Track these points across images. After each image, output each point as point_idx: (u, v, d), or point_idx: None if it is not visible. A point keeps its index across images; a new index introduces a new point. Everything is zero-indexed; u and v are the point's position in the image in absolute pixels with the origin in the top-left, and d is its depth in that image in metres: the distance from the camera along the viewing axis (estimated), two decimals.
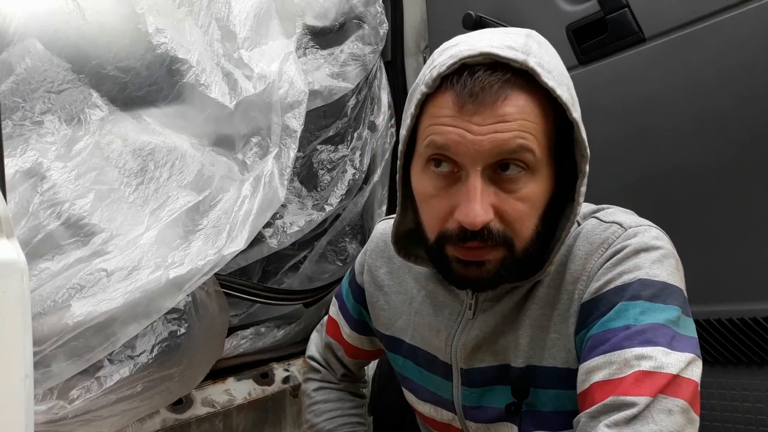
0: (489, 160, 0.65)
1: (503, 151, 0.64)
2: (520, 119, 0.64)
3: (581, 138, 0.67)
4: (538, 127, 0.65)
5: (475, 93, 0.64)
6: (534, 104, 0.65)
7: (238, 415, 1.28)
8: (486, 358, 0.78)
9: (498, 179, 0.66)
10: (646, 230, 0.71)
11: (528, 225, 0.68)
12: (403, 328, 0.90)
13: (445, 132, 0.66)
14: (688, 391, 0.60)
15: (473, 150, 0.64)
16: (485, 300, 0.78)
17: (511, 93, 0.64)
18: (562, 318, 0.72)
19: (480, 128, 0.64)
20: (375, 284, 0.94)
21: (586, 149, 0.67)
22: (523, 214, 0.67)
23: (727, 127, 1.11)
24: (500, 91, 0.64)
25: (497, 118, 0.64)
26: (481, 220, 0.64)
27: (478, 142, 0.64)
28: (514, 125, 0.64)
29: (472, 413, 0.81)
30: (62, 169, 0.95)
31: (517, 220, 0.67)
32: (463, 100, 0.64)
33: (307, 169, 1.55)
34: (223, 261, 0.99)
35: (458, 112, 0.65)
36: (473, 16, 1.41)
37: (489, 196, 0.65)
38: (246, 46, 1.23)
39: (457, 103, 0.65)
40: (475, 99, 0.64)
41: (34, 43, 0.98)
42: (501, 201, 0.66)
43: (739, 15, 1.08)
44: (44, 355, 0.82)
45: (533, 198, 0.67)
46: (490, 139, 0.63)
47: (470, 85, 0.64)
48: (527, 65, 0.63)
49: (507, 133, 0.63)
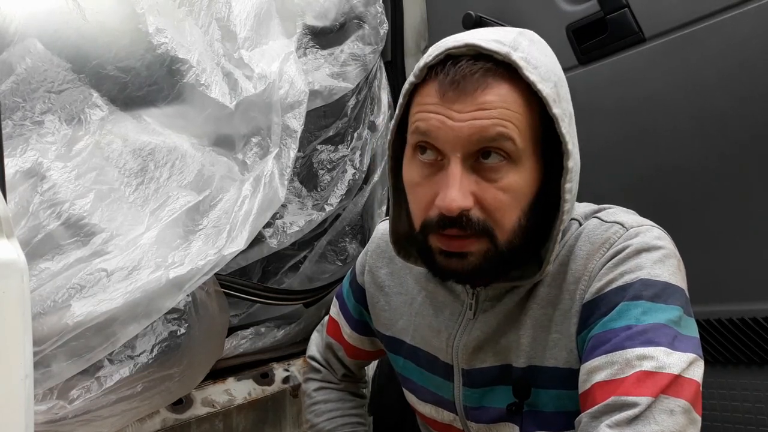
0: (469, 147, 0.66)
1: (483, 138, 0.65)
2: (501, 108, 0.65)
3: (561, 133, 0.67)
4: (521, 118, 0.66)
5: (457, 81, 0.65)
6: (516, 96, 0.66)
7: (238, 415, 1.28)
8: (487, 359, 0.78)
9: (479, 168, 0.67)
10: (648, 230, 0.71)
11: (510, 216, 0.68)
12: (404, 329, 0.90)
13: (428, 118, 0.67)
14: (690, 391, 0.60)
15: (453, 136, 0.65)
16: (486, 300, 0.78)
17: (492, 82, 0.65)
18: (564, 318, 0.72)
19: (460, 115, 0.65)
20: (376, 285, 0.94)
21: (566, 145, 0.67)
22: (503, 204, 0.67)
23: (727, 127, 1.11)
24: (481, 79, 0.65)
25: (477, 106, 0.65)
26: (458, 205, 0.64)
27: (458, 129, 0.65)
28: (494, 113, 0.65)
29: (473, 414, 0.81)
30: (62, 169, 0.95)
31: (498, 210, 0.67)
32: (445, 88, 0.66)
33: (307, 169, 1.55)
34: (223, 261, 0.99)
35: (440, 100, 0.66)
36: (473, 16, 1.41)
37: (469, 184, 0.66)
38: (246, 46, 1.23)
39: (440, 90, 0.66)
40: (457, 87, 0.65)
41: (35, 43, 0.98)
42: (482, 189, 0.66)
43: (739, 15, 1.08)
44: (44, 355, 0.82)
45: (515, 189, 0.67)
46: (469, 126, 0.65)
47: (452, 73, 0.66)
48: (509, 58, 0.65)
49: (486, 120, 0.65)
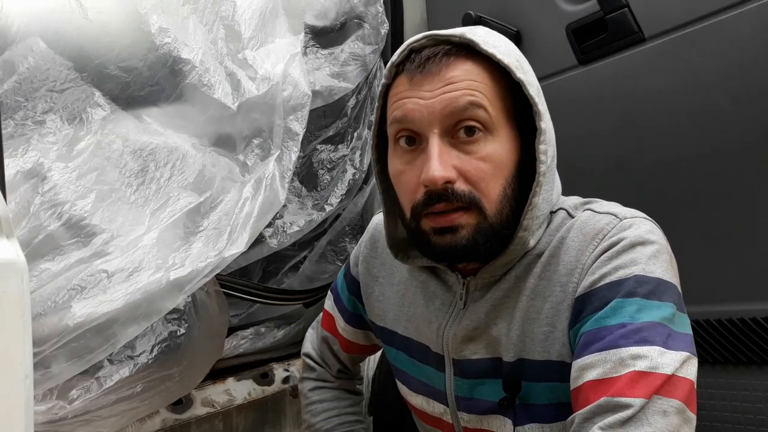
0: (444, 121, 0.69)
1: (455, 110, 0.69)
2: (467, 80, 0.70)
3: (530, 95, 0.70)
4: (488, 88, 0.70)
5: (422, 64, 0.70)
6: (480, 69, 0.71)
7: (238, 415, 1.28)
8: (478, 350, 0.78)
9: (458, 143, 0.70)
10: (642, 222, 0.71)
11: (494, 185, 0.70)
12: (397, 320, 0.90)
13: (401, 105, 0.72)
14: (684, 390, 0.60)
15: (427, 113, 0.69)
16: (476, 290, 0.79)
17: (455, 60, 0.71)
18: (555, 311, 0.72)
19: (430, 93, 0.70)
20: (370, 275, 0.95)
21: (537, 106, 0.70)
22: (486, 173, 0.70)
23: (727, 127, 1.11)
24: (444, 59, 0.70)
25: (445, 82, 0.70)
26: (441, 175, 0.67)
27: (430, 105, 0.69)
28: (462, 85, 0.69)
29: (465, 404, 0.81)
30: (63, 170, 0.95)
31: (482, 180, 0.69)
32: (413, 74, 0.71)
33: (307, 168, 1.55)
34: (223, 263, 0.99)
35: (410, 86, 0.71)
36: (473, 16, 1.42)
37: (450, 158, 0.69)
38: (251, 45, 1.23)
39: (409, 78, 0.72)
40: (423, 69, 0.70)
41: (37, 42, 0.98)
42: (463, 162, 0.69)
43: (739, 15, 1.08)
44: (44, 356, 0.82)
45: (495, 158, 0.70)
46: (440, 100, 0.69)
47: (417, 60, 0.71)
48: (465, 37, 0.70)
49: (456, 92, 0.69)
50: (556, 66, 1.35)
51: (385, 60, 1.67)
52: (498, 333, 0.76)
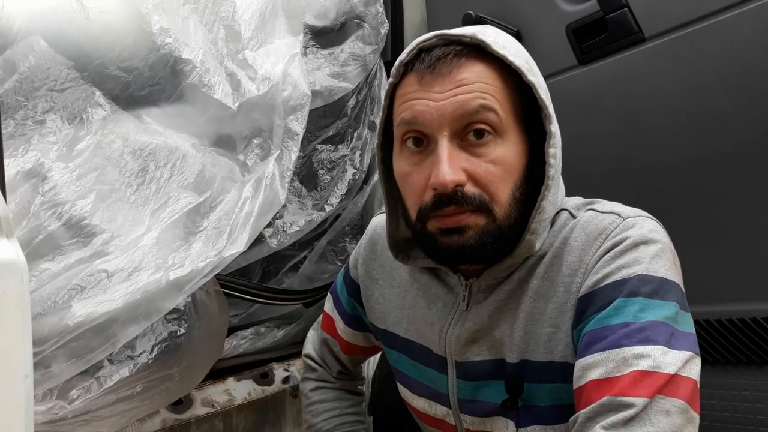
0: (454, 124, 0.68)
1: (465, 113, 0.68)
2: (478, 82, 0.69)
3: (540, 98, 0.70)
4: (498, 90, 0.69)
5: (432, 65, 0.69)
6: (491, 71, 0.70)
7: (238, 415, 1.28)
8: (481, 352, 0.78)
9: (467, 146, 0.69)
10: (645, 221, 0.70)
11: (504, 189, 0.69)
12: (398, 322, 0.90)
13: (411, 106, 0.70)
14: (687, 390, 0.60)
15: (437, 115, 0.68)
16: (478, 292, 0.78)
17: (466, 61, 0.69)
18: (559, 312, 0.71)
19: (441, 95, 0.68)
20: (370, 277, 0.94)
21: (547, 109, 0.70)
22: (496, 176, 0.69)
23: (727, 127, 1.11)
24: (455, 60, 0.69)
25: (456, 83, 0.68)
26: (451, 179, 0.66)
27: (441, 107, 0.68)
28: (473, 87, 0.68)
29: (467, 406, 0.81)
30: (63, 170, 0.95)
31: (491, 183, 0.69)
32: (422, 74, 0.70)
33: (307, 168, 1.55)
34: (223, 263, 0.99)
35: (420, 86, 0.70)
36: (473, 16, 1.41)
37: (460, 160, 0.68)
38: (251, 46, 1.23)
39: (418, 78, 0.70)
40: (433, 70, 0.69)
41: (38, 41, 0.98)
42: (473, 165, 0.69)
43: (739, 15, 1.08)
44: (44, 356, 0.82)
45: (505, 161, 0.69)
46: (451, 102, 0.68)
47: (427, 60, 0.70)
48: (476, 38, 0.69)
49: (467, 94, 0.68)
50: (556, 66, 1.35)
51: (385, 60, 1.67)
52: (501, 335, 0.76)
